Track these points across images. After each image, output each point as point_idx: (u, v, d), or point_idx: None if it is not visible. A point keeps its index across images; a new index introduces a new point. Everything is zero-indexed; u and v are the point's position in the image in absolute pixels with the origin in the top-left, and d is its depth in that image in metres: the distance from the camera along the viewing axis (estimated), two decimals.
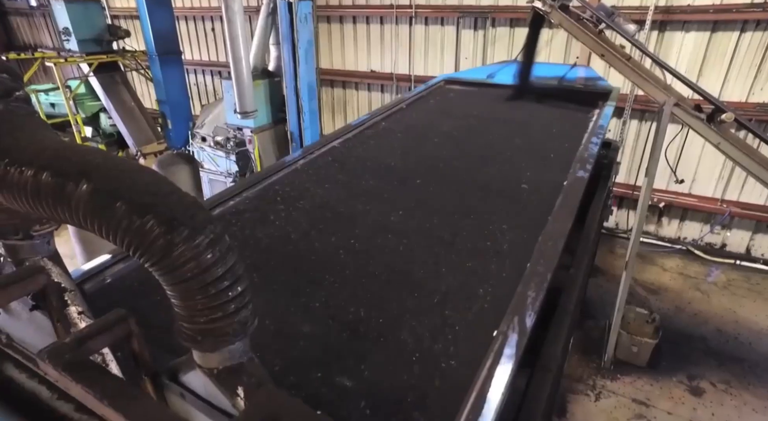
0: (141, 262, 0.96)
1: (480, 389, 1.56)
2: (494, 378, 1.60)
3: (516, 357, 1.70)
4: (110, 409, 0.91)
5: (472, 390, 1.54)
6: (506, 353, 1.68)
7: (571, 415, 4.23)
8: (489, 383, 1.58)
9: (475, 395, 1.52)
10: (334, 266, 2.23)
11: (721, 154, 3.44)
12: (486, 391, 1.54)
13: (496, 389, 1.56)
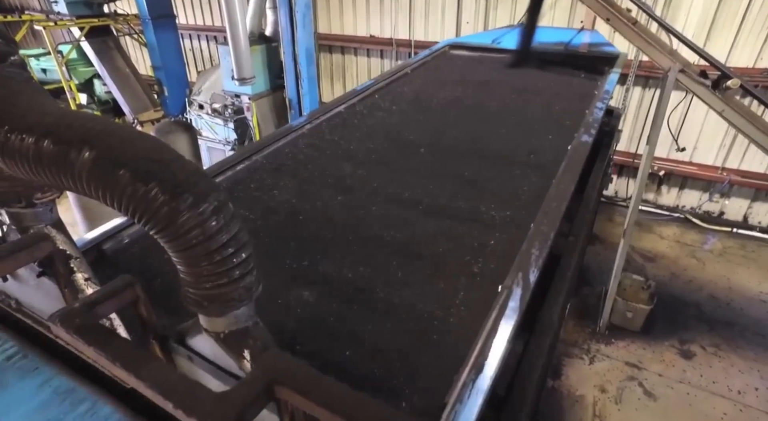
0: (146, 229, 0.97)
1: (484, 340, 1.62)
2: (498, 331, 1.66)
3: (520, 310, 1.75)
4: (122, 370, 0.94)
5: (476, 342, 1.60)
6: (510, 306, 1.73)
7: (566, 377, 4.36)
8: (493, 336, 1.64)
9: (479, 347, 1.58)
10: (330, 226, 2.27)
11: (724, 122, 3.41)
12: (490, 343, 1.60)
13: (499, 341, 1.62)
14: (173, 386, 0.89)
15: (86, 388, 1.45)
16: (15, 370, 1.50)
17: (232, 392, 0.87)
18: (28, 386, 1.45)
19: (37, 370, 1.50)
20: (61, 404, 1.39)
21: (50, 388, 1.45)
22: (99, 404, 1.40)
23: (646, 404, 4.13)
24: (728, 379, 4.40)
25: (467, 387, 1.45)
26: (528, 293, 1.88)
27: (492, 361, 1.56)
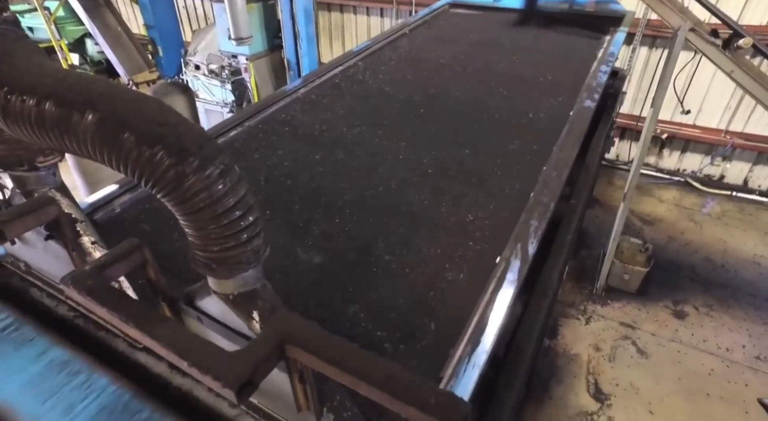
0: (153, 192, 0.97)
1: (482, 312, 1.65)
2: (496, 303, 1.69)
3: (517, 283, 1.78)
4: (136, 330, 0.97)
5: (474, 313, 1.63)
6: (508, 279, 1.76)
7: (562, 337, 4.49)
8: (491, 308, 1.67)
9: (476, 319, 1.62)
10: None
11: (731, 84, 3.35)
12: (487, 315, 1.63)
13: (497, 313, 1.65)
14: (187, 346, 0.92)
15: (82, 360, 1.47)
16: (9, 341, 1.51)
17: (244, 351, 0.90)
18: (23, 357, 1.46)
19: (32, 341, 1.51)
20: (57, 375, 1.41)
21: (46, 359, 1.46)
22: (95, 376, 1.42)
23: (638, 362, 4.28)
24: (718, 337, 4.54)
25: (463, 362, 1.49)
26: (526, 265, 1.89)
27: (489, 334, 1.59)
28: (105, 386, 1.35)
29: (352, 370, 0.84)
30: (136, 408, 1.30)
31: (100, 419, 1.27)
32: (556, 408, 3.86)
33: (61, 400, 1.31)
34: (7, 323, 1.53)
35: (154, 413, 1.28)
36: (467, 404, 0.77)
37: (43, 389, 1.34)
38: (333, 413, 1.15)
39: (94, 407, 1.29)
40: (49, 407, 1.29)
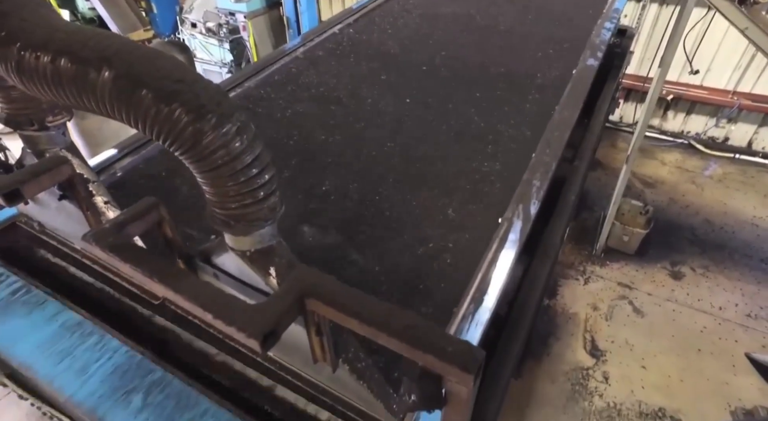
0: (171, 150, 0.98)
1: (484, 272, 1.69)
2: (498, 262, 1.73)
3: (519, 243, 1.81)
4: (160, 284, 1.00)
5: (477, 273, 1.67)
6: (510, 239, 1.79)
7: (561, 296, 4.60)
8: (493, 268, 1.71)
9: (479, 278, 1.66)
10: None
11: (743, 42, 3.28)
12: (490, 275, 1.67)
13: (499, 273, 1.69)
14: (211, 299, 0.95)
15: (93, 322, 1.51)
16: (21, 304, 1.55)
17: (266, 304, 0.93)
18: (36, 319, 1.50)
19: (43, 304, 1.56)
20: (71, 336, 1.46)
21: (57, 322, 1.51)
22: (107, 337, 1.47)
23: (634, 320, 4.40)
24: (712, 297, 4.65)
25: (467, 320, 1.54)
26: (528, 225, 1.92)
27: (491, 293, 1.63)
28: (117, 347, 1.40)
29: (372, 321, 0.87)
30: (148, 368, 1.35)
31: (114, 379, 1.32)
32: (553, 364, 4.01)
33: (75, 360, 1.36)
34: (17, 286, 1.57)
35: (166, 373, 1.34)
36: (482, 352, 0.82)
37: (57, 350, 1.39)
38: (348, 364, 1.21)
39: (108, 367, 1.35)
40: (65, 367, 1.35)
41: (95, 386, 1.30)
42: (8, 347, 1.40)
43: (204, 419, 1.24)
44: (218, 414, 1.25)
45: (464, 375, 0.79)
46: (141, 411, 1.26)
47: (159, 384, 1.31)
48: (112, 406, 1.27)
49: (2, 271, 1.62)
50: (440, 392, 0.87)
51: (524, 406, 3.69)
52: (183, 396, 1.29)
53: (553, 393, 3.80)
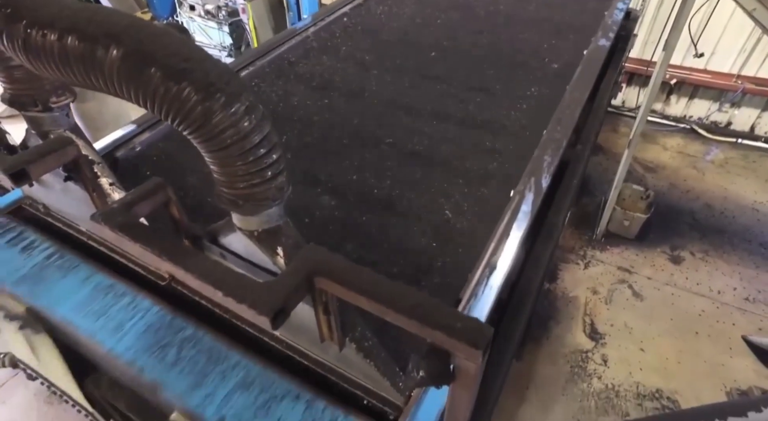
0: (179, 129, 0.98)
1: (497, 242, 1.71)
2: (510, 234, 1.75)
3: (531, 214, 1.83)
4: (170, 263, 1.01)
5: (489, 243, 1.69)
6: (523, 210, 1.81)
7: (561, 280, 4.64)
8: (505, 239, 1.73)
9: (492, 247, 1.68)
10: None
11: (749, 24, 3.24)
12: (503, 244, 1.70)
13: (511, 242, 1.72)
14: (221, 277, 0.96)
15: (124, 284, 1.57)
16: (55, 268, 1.60)
17: (276, 281, 0.95)
18: (71, 281, 1.56)
19: (76, 268, 1.61)
20: (104, 297, 1.52)
21: (91, 284, 1.56)
22: (139, 298, 1.52)
23: (633, 304, 4.44)
24: (711, 281, 4.68)
25: (481, 284, 1.56)
26: (540, 198, 1.94)
27: (504, 260, 1.66)
28: (149, 307, 1.46)
29: (381, 299, 0.89)
30: (179, 326, 1.41)
31: (148, 336, 1.38)
32: (553, 346, 4.06)
33: (110, 319, 1.43)
34: (50, 251, 1.64)
35: (197, 330, 1.39)
36: (491, 328, 0.83)
37: (93, 310, 1.46)
38: (355, 343, 1.23)
39: (141, 325, 1.41)
40: (101, 325, 1.41)
41: (131, 342, 1.38)
42: (48, 307, 1.47)
43: (235, 370, 1.31)
44: (248, 366, 1.32)
45: (473, 351, 0.81)
46: (175, 364, 1.33)
47: (190, 340, 1.39)
48: (149, 359, 1.34)
49: (35, 237, 1.67)
50: (448, 368, 0.89)
51: (524, 387, 3.74)
52: (214, 351, 1.36)
53: (552, 375, 3.85)
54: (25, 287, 1.53)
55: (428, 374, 0.88)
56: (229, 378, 1.29)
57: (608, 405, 3.68)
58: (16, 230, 1.72)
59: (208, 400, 1.25)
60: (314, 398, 1.25)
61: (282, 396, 1.25)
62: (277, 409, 1.23)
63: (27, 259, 1.61)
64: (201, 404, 1.24)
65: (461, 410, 0.97)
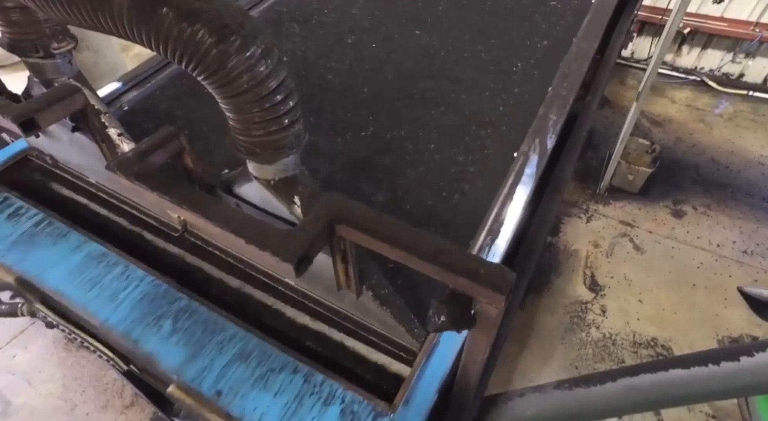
0: (194, 74, 0.95)
1: (500, 206, 1.71)
2: (514, 197, 1.74)
3: (536, 177, 1.82)
4: (190, 212, 1.01)
5: (491, 209, 1.69)
6: (527, 173, 1.79)
7: (563, 234, 4.68)
8: (508, 203, 1.73)
9: (495, 212, 1.68)
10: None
11: None
12: (506, 208, 1.69)
13: (515, 208, 1.71)
14: (242, 225, 0.96)
15: (116, 253, 1.54)
16: (45, 235, 1.57)
17: (298, 229, 0.95)
18: (61, 250, 1.53)
19: (66, 236, 1.57)
20: (96, 266, 1.49)
21: (82, 253, 1.53)
22: (132, 267, 1.50)
23: (634, 257, 4.51)
24: (711, 235, 4.73)
25: (484, 251, 1.57)
26: (544, 159, 1.91)
27: (507, 226, 1.66)
28: (142, 277, 1.44)
29: (404, 245, 0.89)
30: (174, 296, 1.40)
31: (143, 306, 1.37)
32: (553, 298, 4.15)
33: (104, 289, 1.41)
34: (39, 218, 1.59)
35: (191, 301, 1.39)
36: (513, 274, 0.84)
37: (85, 280, 1.43)
38: (371, 290, 1.25)
39: (135, 295, 1.39)
40: (95, 295, 1.39)
41: (126, 313, 1.36)
42: (39, 275, 1.44)
43: (232, 342, 1.30)
44: (246, 338, 1.31)
45: (496, 296, 0.82)
46: (172, 335, 1.32)
47: (186, 311, 1.37)
48: (144, 330, 1.33)
49: (21, 204, 1.63)
50: (470, 313, 0.91)
51: (525, 336, 3.87)
52: (210, 322, 1.35)
53: (552, 325, 3.97)
54: (13, 255, 1.48)
55: (450, 318, 0.90)
56: (227, 350, 1.28)
57: (605, 353, 3.82)
58: (1, 195, 1.66)
59: (206, 372, 1.24)
60: (312, 371, 1.24)
61: (280, 368, 1.25)
62: (275, 381, 1.22)
63: (14, 226, 1.55)
64: (198, 377, 1.23)
65: (479, 354, 1.01)
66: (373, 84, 2.25)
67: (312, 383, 1.22)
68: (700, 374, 1.00)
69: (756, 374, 0.93)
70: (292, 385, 1.21)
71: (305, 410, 1.16)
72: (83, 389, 3.56)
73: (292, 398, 1.18)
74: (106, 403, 3.49)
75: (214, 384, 1.22)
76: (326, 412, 1.16)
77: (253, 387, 1.21)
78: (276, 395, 1.19)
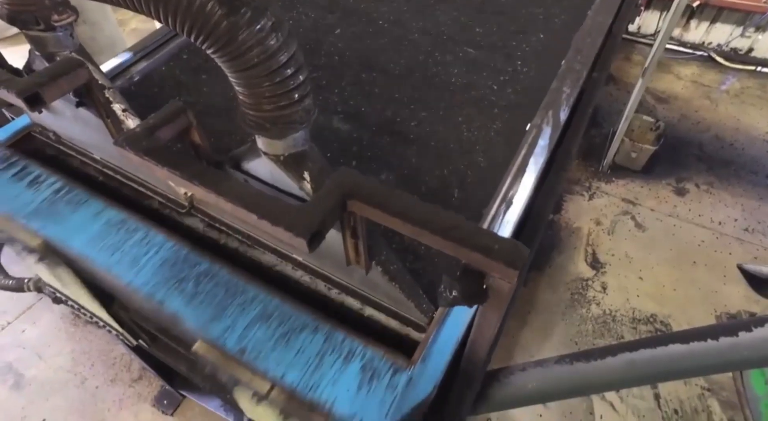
0: (203, 47, 0.93)
1: (513, 176, 1.71)
2: (527, 169, 1.74)
3: (548, 150, 1.81)
4: (200, 187, 1.00)
5: (505, 178, 1.69)
6: (540, 145, 1.79)
7: (565, 211, 4.69)
8: (521, 176, 1.72)
9: (508, 182, 1.68)
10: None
11: None
12: (519, 179, 1.69)
13: (527, 181, 1.71)
14: (254, 200, 0.96)
15: (136, 219, 1.55)
16: (65, 202, 1.58)
17: (310, 204, 0.95)
18: (82, 216, 1.54)
19: (86, 202, 1.58)
20: (117, 232, 1.51)
21: (102, 219, 1.54)
22: (152, 233, 1.51)
23: (635, 234, 4.53)
24: (713, 212, 4.74)
25: (497, 219, 1.57)
26: (557, 132, 1.90)
27: (519, 198, 1.66)
28: (163, 242, 1.46)
29: (417, 220, 0.89)
30: (194, 260, 1.41)
31: (164, 270, 1.39)
32: (555, 275, 4.19)
33: (125, 254, 1.42)
34: (58, 185, 1.60)
35: (212, 264, 1.40)
36: (527, 249, 0.84)
37: (107, 245, 1.45)
38: (381, 266, 1.26)
39: (156, 260, 1.41)
40: (117, 260, 1.41)
41: (148, 276, 1.39)
42: (63, 240, 1.47)
43: (254, 304, 1.33)
44: (266, 300, 1.34)
45: (510, 271, 0.83)
46: (194, 297, 1.34)
47: (207, 274, 1.39)
48: (168, 292, 1.35)
49: (40, 172, 1.64)
50: (482, 288, 0.91)
51: (526, 313, 3.92)
52: (231, 285, 1.37)
53: (553, 301, 4.02)
54: (37, 221, 1.50)
55: (462, 293, 0.90)
56: (248, 311, 1.31)
57: (605, 329, 3.88)
58: (20, 163, 1.66)
59: (229, 332, 1.27)
60: (333, 330, 1.28)
61: (301, 328, 1.27)
62: (297, 340, 1.25)
63: (35, 193, 1.57)
64: (222, 336, 1.26)
65: (490, 328, 1.02)
66: (386, 57, 2.22)
67: (332, 341, 1.25)
68: (699, 348, 1.02)
69: (754, 348, 0.95)
70: (313, 343, 1.24)
71: (326, 366, 1.19)
72: (92, 363, 3.62)
73: (314, 356, 1.22)
74: (114, 376, 3.56)
75: (238, 342, 1.25)
76: (347, 368, 1.19)
77: (275, 346, 1.24)
78: (298, 353, 1.22)
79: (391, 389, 1.17)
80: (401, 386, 1.17)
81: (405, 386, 1.17)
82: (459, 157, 1.84)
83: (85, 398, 3.45)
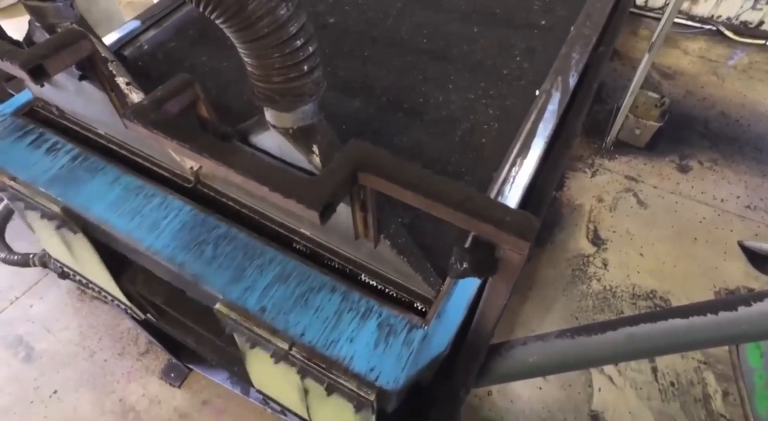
0: (212, 17, 0.91)
1: (523, 140, 1.71)
2: (536, 134, 1.74)
3: (558, 114, 1.80)
4: (211, 160, 1.00)
5: (515, 142, 1.69)
6: (549, 110, 1.78)
7: (568, 188, 4.69)
8: (531, 139, 1.72)
9: (518, 146, 1.68)
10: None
11: None
12: (529, 143, 1.69)
13: (538, 142, 1.71)
14: (265, 172, 0.96)
15: (153, 185, 1.57)
16: (83, 169, 1.60)
17: (322, 177, 0.95)
18: (100, 183, 1.57)
19: (103, 169, 1.60)
20: (135, 197, 1.53)
21: (120, 185, 1.57)
22: (170, 198, 1.53)
23: (637, 212, 4.54)
24: (716, 190, 4.74)
25: (508, 182, 1.58)
26: (567, 97, 1.89)
27: (530, 160, 1.67)
28: (181, 206, 1.48)
29: (429, 193, 0.89)
30: (213, 224, 1.44)
31: (183, 234, 1.42)
32: (556, 251, 4.22)
33: (145, 218, 1.46)
34: (75, 153, 1.62)
35: (230, 228, 1.43)
36: (537, 221, 0.85)
37: (126, 210, 1.48)
38: (389, 239, 1.26)
39: (175, 224, 1.44)
40: (137, 224, 1.44)
41: (168, 240, 1.42)
42: (83, 206, 1.50)
43: (272, 265, 1.36)
44: (284, 261, 1.37)
45: (521, 243, 0.84)
46: (214, 259, 1.37)
47: (225, 237, 1.42)
48: (188, 255, 1.39)
49: (57, 139, 1.65)
50: (493, 259, 0.92)
51: (527, 288, 3.96)
52: (249, 247, 1.40)
53: (554, 277, 4.06)
54: (56, 187, 1.53)
55: (472, 265, 0.92)
56: (267, 272, 1.34)
57: (605, 304, 3.93)
58: (36, 131, 1.68)
59: (249, 292, 1.31)
60: (349, 290, 1.31)
61: (319, 288, 1.31)
62: (315, 299, 1.29)
63: (53, 160, 1.59)
64: (242, 296, 1.30)
65: (499, 299, 1.03)
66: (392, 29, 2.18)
67: (350, 300, 1.29)
68: (699, 323, 1.04)
69: (753, 323, 0.97)
70: (330, 302, 1.28)
71: (344, 324, 1.23)
72: (99, 337, 3.69)
73: (332, 314, 1.25)
74: (122, 350, 3.63)
75: (258, 302, 1.28)
76: (364, 325, 1.23)
77: (294, 305, 1.27)
78: (316, 312, 1.26)
79: (407, 345, 1.20)
80: (417, 342, 1.21)
81: (421, 341, 1.21)
82: (465, 128, 1.83)
83: (94, 371, 3.52)
